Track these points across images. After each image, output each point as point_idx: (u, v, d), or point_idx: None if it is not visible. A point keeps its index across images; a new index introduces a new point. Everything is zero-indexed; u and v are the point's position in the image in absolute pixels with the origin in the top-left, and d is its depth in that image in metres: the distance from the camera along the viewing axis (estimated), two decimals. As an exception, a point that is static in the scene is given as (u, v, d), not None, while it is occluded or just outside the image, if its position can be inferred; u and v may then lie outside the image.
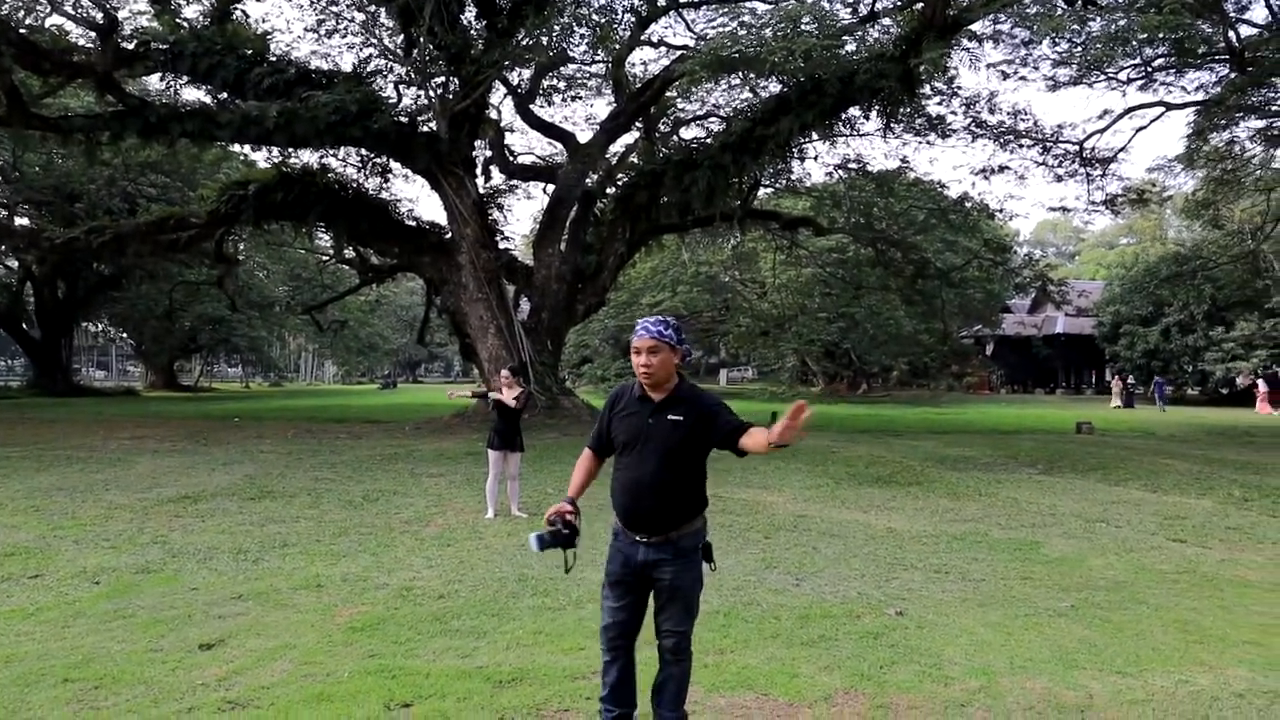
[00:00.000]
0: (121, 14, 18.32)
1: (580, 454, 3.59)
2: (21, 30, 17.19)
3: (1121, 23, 14.73)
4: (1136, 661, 4.49)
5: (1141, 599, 5.73)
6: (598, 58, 21.51)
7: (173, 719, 3.66)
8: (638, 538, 3.29)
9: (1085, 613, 5.38)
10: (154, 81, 22.85)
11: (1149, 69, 19.16)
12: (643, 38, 20.62)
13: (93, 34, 18.16)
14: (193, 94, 20.74)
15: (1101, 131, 20.95)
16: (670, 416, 3.21)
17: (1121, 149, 21.30)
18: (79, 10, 18.47)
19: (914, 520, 8.62)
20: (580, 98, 24.59)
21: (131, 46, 18.08)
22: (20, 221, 30.59)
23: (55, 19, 18.71)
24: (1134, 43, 15.39)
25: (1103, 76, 19.32)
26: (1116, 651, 4.64)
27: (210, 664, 4.31)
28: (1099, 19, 15.21)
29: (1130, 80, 19.58)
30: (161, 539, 7.23)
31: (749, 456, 3.30)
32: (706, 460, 3.32)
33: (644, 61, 49.03)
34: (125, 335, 49.61)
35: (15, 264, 36.67)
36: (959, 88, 19.32)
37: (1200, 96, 20.19)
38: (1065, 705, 3.90)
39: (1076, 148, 21.13)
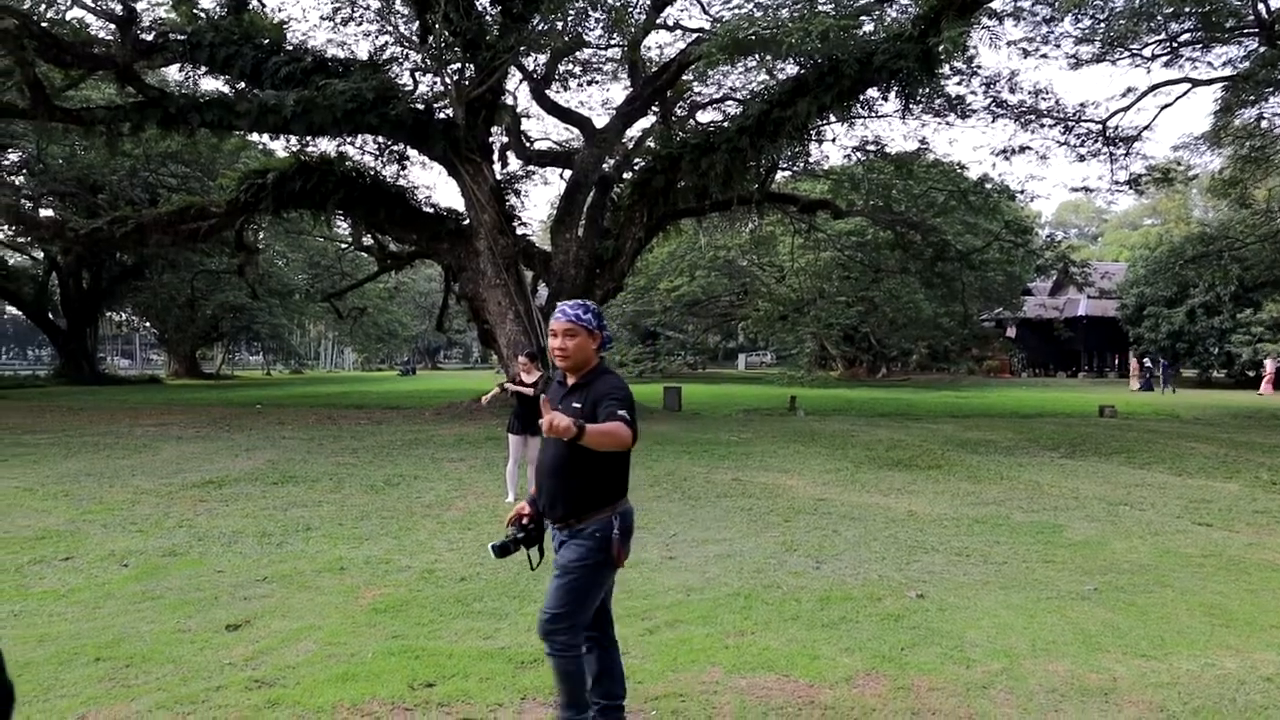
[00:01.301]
0: (140, 5, 18.39)
1: None
2: (44, 24, 17.31)
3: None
4: (1161, 645, 4.46)
5: (1166, 582, 5.69)
6: (613, 42, 21.39)
7: (201, 697, 3.72)
8: (549, 523, 3.28)
9: (1109, 596, 5.35)
10: (173, 72, 22.98)
11: (1174, 44, 18.83)
12: (658, 21, 20.47)
13: (112, 26, 18.26)
14: (211, 84, 20.80)
15: (1125, 110, 20.64)
16: (574, 403, 3.13)
17: (1145, 127, 20.97)
18: (99, 3, 18.56)
19: (934, 503, 8.59)
20: (596, 82, 24.49)
21: (150, 38, 18.17)
22: (45, 213, 30.91)
23: (76, 11, 18.83)
24: (1159, 17, 15.15)
25: (1126, 53, 19.02)
26: (1141, 635, 4.61)
27: (237, 644, 4.37)
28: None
29: (1155, 57, 19.25)
30: (187, 523, 7.32)
31: (769, 441, 3.28)
32: (627, 451, 3.14)
33: (660, 45, 48.80)
34: (148, 324, 50.10)
35: (41, 255, 37.10)
36: (979, 67, 19.11)
37: (1228, 72, 19.84)
38: (1089, 688, 3.89)
39: (1099, 127, 20.84)
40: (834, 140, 67.73)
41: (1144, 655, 4.31)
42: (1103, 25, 17.67)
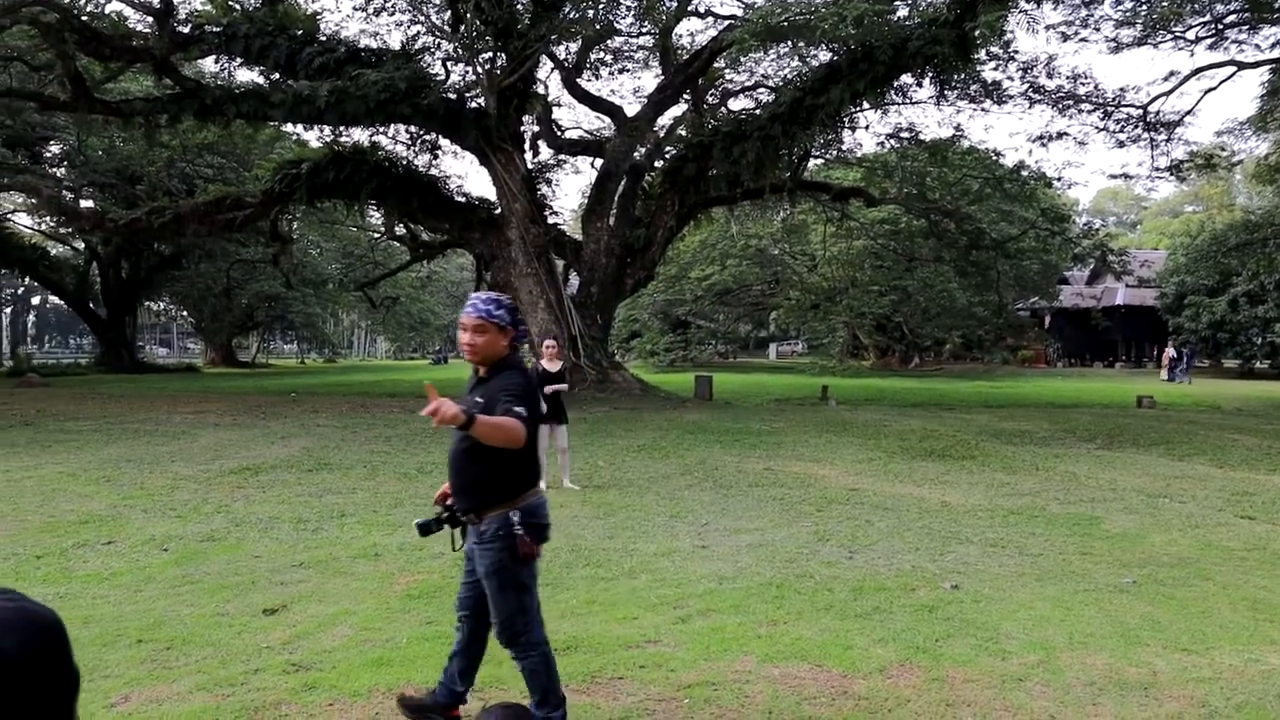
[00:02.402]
0: (177, -2, 18.66)
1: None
2: (84, 17, 17.59)
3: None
4: (1203, 639, 4.38)
5: (1208, 576, 5.58)
6: (644, 29, 21.31)
7: (240, 680, 3.78)
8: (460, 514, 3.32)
9: (1148, 589, 5.26)
10: (209, 64, 23.27)
11: (1219, 26, 18.36)
12: (690, 8, 20.37)
13: (150, 19, 18.52)
14: (246, 75, 21.11)
15: (1167, 94, 20.19)
16: (477, 396, 3.18)
17: (1188, 112, 20.45)
18: (137, -5, 18.86)
19: (969, 494, 8.50)
20: (627, 70, 24.47)
21: (187, 30, 18.41)
22: (85, 204, 31.48)
23: (114, 5, 19.17)
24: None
25: (1169, 36, 18.58)
26: (1182, 629, 4.53)
27: (274, 628, 4.43)
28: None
29: (1199, 39, 18.78)
30: (225, 509, 7.44)
31: (801, 431, 3.24)
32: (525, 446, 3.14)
33: (691, 32, 48.47)
34: (185, 313, 50.92)
35: (82, 245, 37.83)
36: (1015, 52, 18.80)
37: (1276, 54, 19.32)
38: (1128, 682, 3.83)
39: (1140, 112, 20.40)
40: (867, 127, 67.07)
41: (1185, 649, 4.23)
42: (1144, 8, 17.29)
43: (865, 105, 19.06)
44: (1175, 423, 16.21)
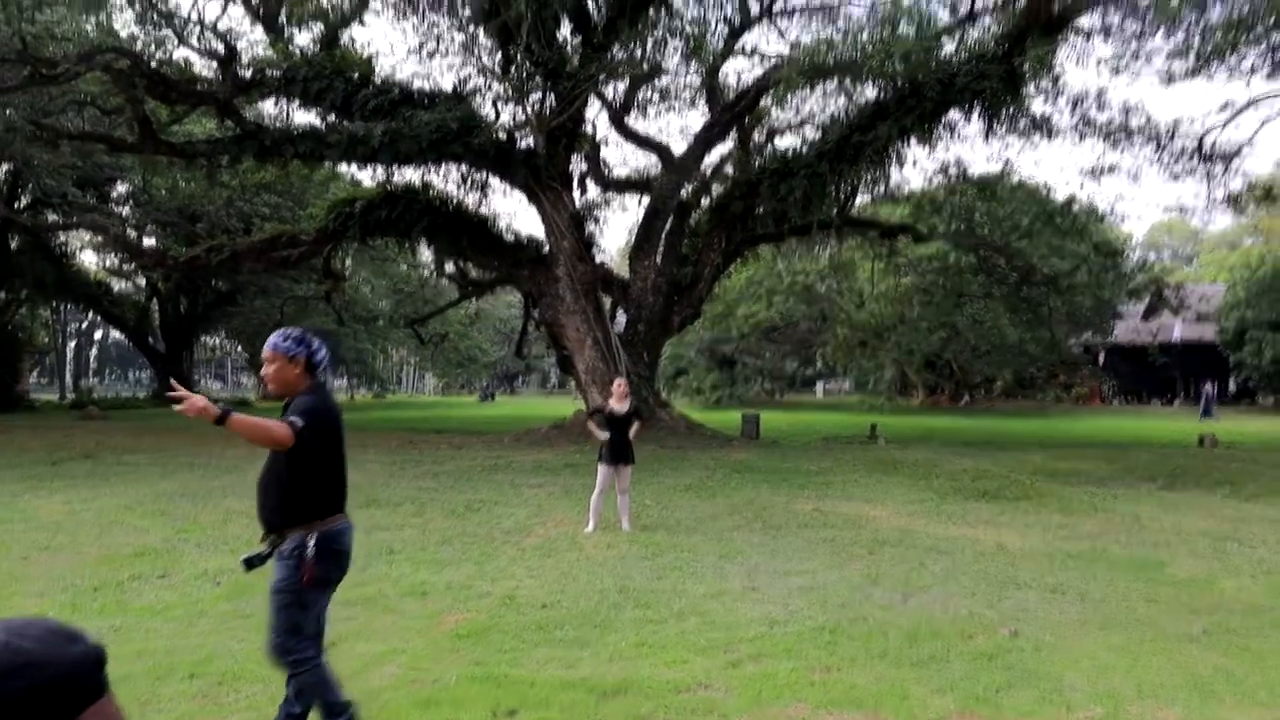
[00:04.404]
0: (240, 44, 19.34)
1: None
2: (153, 63, 18.31)
3: (1245, 9, 13.91)
4: (1282, 693, 4.17)
5: (1283, 625, 5.33)
6: (691, 69, 21.53)
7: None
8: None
9: (1220, 638, 5.04)
10: (269, 106, 24.01)
11: (1276, 55, 17.99)
12: (736, 48, 20.56)
13: (214, 64, 19.21)
14: (303, 117, 21.67)
15: (1222, 126, 19.78)
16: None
17: (1245, 143, 20.00)
18: (202, 42, 19.58)
19: (1025, 536, 8.27)
20: (674, 109, 24.62)
21: (249, 74, 19.05)
22: (148, 241, 32.51)
23: (181, 51, 19.89)
24: (1261, 28, 14.52)
25: (1224, 67, 18.24)
26: (1259, 681, 4.32)
27: (324, 666, 4.43)
28: (1220, 4, 14.41)
29: (1255, 69, 18.41)
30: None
31: (850, 470, 3.20)
32: (321, 467, 3.35)
33: (738, 72, 48.80)
34: (240, 348, 52.12)
35: (143, 281, 39.03)
36: (1065, 85, 18.58)
37: (1336, 85, 18.84)
38: (1203, 737, 3.65)
39: (1195, 144, 20.00)
40: (915, 164, 66.76)
41: (1263, 704, 4.03)
42: (1198, 39, 17.01)
43: (913, 141, 18.95)
44: (1240, 462, 15.66)
